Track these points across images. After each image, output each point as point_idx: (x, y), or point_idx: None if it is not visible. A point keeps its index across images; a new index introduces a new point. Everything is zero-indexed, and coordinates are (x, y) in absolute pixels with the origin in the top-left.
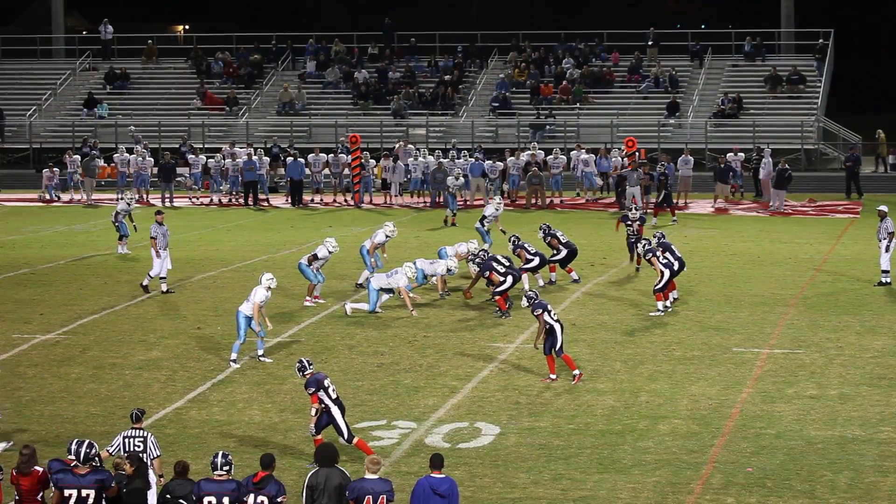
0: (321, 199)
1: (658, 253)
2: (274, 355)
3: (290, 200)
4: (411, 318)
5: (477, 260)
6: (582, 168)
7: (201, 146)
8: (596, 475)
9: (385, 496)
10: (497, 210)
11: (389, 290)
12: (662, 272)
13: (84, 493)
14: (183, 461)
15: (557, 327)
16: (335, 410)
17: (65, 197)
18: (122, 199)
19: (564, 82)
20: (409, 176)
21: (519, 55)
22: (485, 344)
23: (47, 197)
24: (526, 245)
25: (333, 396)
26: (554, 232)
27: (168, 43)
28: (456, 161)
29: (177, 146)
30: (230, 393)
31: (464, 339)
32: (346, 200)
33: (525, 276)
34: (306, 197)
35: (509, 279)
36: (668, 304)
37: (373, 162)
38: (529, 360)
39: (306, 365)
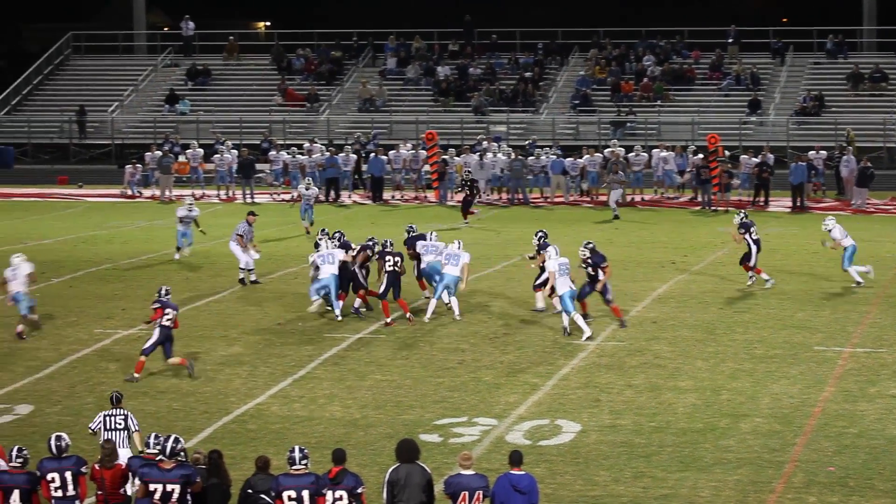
0: (402, 196)
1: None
2: (355, 353)
3: (371, 197)
4: (491, 315)
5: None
6: (662, 166)
7: (282, 142)
8: (677, 473)
9: (481, 492)
10: None
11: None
12: (750, 247)
13: (169, 487)
14: (264, 456)
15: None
16: None
17: (146, 193)
18: (183, 204)
19: (645, 79)
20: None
21: (600, 52)
22: (565, 341)
23: (129, 193)
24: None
25: None
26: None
27: (249, 39)
28: (539, 158)
29: (258, 142)
30: (311, 389)
31: (544, 336)
32: (426, 197)
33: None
34: (387, 194)
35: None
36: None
37: (457, 160)
38: (610, 357)
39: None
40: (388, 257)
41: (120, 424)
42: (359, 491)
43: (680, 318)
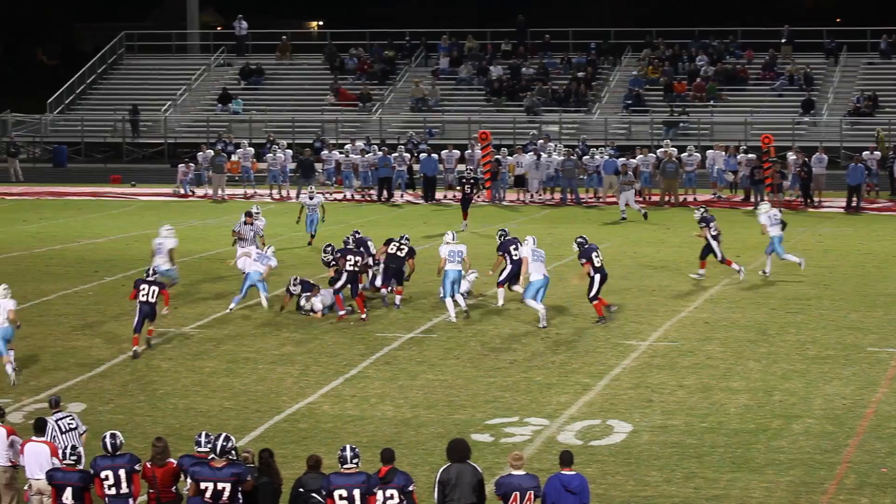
0: (454, 195)
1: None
2: (407, 352)
3: (423, 196)
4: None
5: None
6: (715, 166)
7: (335, 142)
8: (729, 474)
9: (532, 492)
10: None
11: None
12: (709, 241)
13: (220, 486)
14: (316, 455)
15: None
16: None
17: (199, 192)
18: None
19: (698, 79)
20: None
21: (652, 52)
22: (617, 341)
23: (182, 192)
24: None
25: None
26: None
27: (302, 39)
28: (594, 157)
29: (310, 142)
30: (363, 388)
31: (596, 336)
32: (479, 197)
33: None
34: (439, 193)
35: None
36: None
37: (510, 159)
38: (662, 357)
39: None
40: (349, 256)
41: (72, 425)
42: (410, 489)
43: (732, 318)
